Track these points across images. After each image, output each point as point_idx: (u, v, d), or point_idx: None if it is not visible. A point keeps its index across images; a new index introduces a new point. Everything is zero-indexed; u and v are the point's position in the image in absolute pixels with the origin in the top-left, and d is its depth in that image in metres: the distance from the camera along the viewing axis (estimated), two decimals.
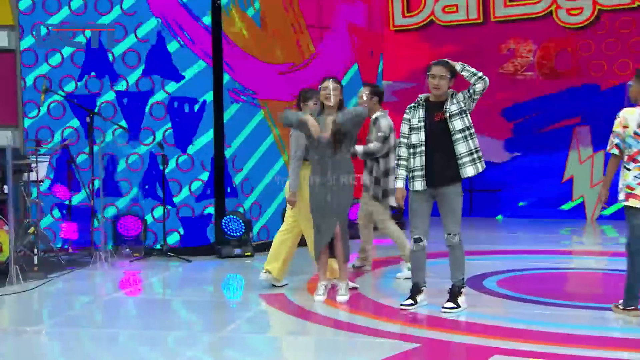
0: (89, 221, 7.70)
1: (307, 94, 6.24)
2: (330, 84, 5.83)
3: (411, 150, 5.61)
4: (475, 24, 11.39)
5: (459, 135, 5.49)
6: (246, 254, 7.94)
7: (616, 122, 5.30)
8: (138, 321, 5.61)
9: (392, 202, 6.78)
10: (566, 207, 11.28)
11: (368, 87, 6.93)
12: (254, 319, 5.57)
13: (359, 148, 6.63)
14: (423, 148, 5.57)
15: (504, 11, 11.33)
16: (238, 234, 7.99)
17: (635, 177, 5.24)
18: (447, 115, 5.49)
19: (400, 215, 10.14)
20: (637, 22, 10.95)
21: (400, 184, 5.67)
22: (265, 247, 8.34)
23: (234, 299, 6.53)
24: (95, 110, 7.86)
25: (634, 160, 5.24)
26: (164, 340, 5.10)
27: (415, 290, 5.72)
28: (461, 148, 5.49)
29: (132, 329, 5.38)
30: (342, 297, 5.89)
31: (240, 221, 8.00)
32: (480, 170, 5.56)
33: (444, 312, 5.53)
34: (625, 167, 5.28)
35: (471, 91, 5.48)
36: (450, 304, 5.57)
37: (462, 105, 5.50)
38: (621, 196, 5.28)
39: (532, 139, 11.37)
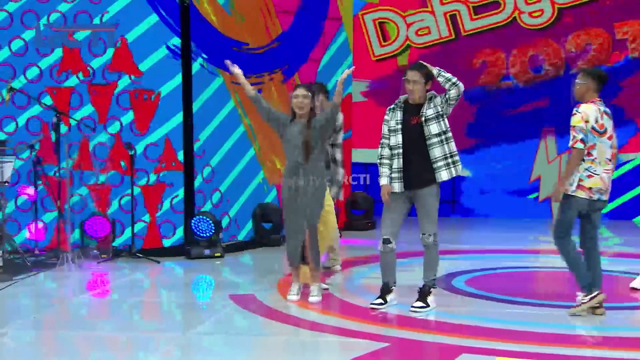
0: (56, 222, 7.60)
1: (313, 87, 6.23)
2: (300, 92, 5.82)
3: (391, 152, 5.62)
4: (448, 41, 11.61)
5: (434, 140, 5.52)
6: (216, 254, 7.88)
7: (577, 117, 5.38)
8: (105, 323, 5.55)
9: (333, 192, 6.79)
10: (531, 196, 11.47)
11: (318, 86, 6.89)
12: (223, 320, 5.54)
13: None
14: (400, 150, 5.58)
15: (473, 24, 11.52)
16: (207, 234, 7.92)
17: (586, 169, 5.41)
18: (423, 119, 5.52)
19: (371, 215, 10.19)
20: (598, 13, 11.17)
21: (384, 181, 5.63)
22: (235, 247, 8.35)
23: (203, 300, 6.49)
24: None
25: (588, 154, 5.41)
26: (131, 342, 5.05)
27: (385, 290, 5.74)
28: (436, 152, 5.52)
29: (99, 331, 5.31)
30: (315, 297, 5.89)
31: (210, 222, 7.95)
32: (455, 175, 5.58)
33: (413, 311, 5.55)
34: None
35: (447, 97, 5.53)
36: (420, 304, 5.60)
37: (439, 110, 5.53)
38: (571, 187, 5.42)
39: (497, 125, 11.51)
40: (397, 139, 5.59)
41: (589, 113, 5.39)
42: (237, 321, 5.53)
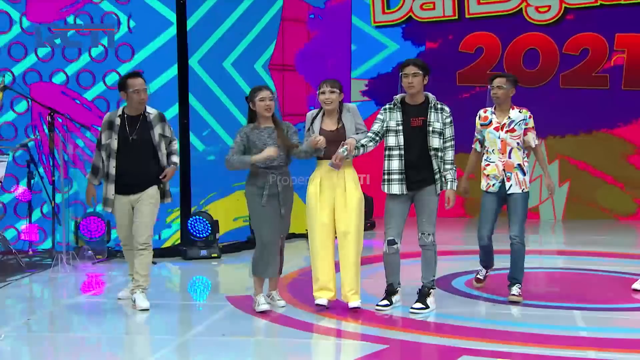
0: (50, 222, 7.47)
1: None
2: (267, 94, 5.47)
3: (386, 152, 5.54)
4: (450, 20, 11.51)
5: (432, 152, 5.48)
6: (212, 255, 7.78)
7: (533, 120, 5.90)
8: (100, 326, 5.46)
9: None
10: None
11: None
12: (220, 322, 5.45)
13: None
14: (402, 152, 5.49)
15: (478, 8, 11.43)
16: (204, 235, 7.83)
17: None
18: (430, 129, 5.45)
19: (370, 215, 9.98)
20: (602, 19, 11.00)
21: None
22: (232, 248, 8.23)
23: (200, 302, 6.40)
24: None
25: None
26: (127, 345, 4.97)
27: (391, 291, 5.66)
28: (434, 164, 5.49)
29: (94, 333, 5.23)
30: (281, 301, 5.70)
31: (207, 222, 7.86)
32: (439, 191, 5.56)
33: (412, 312, 5.48)
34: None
35: (445, 133, 5.50)
36: (419, 305, 5.52)
37: (441, 128, 5.47)
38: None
39: None
40: (399, 140, 5.50)
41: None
42: (234, 323, 5.43)
